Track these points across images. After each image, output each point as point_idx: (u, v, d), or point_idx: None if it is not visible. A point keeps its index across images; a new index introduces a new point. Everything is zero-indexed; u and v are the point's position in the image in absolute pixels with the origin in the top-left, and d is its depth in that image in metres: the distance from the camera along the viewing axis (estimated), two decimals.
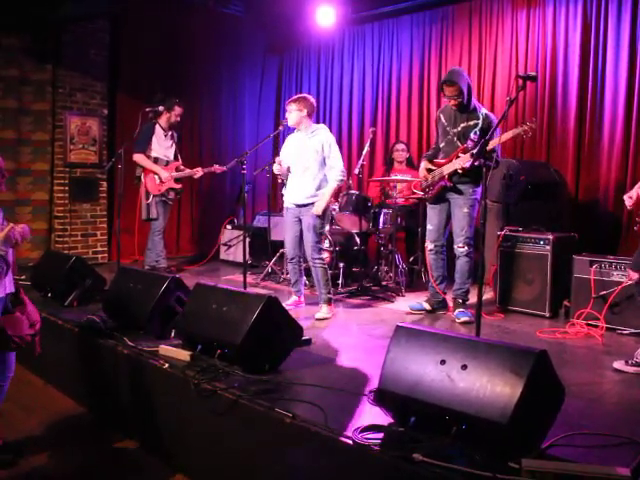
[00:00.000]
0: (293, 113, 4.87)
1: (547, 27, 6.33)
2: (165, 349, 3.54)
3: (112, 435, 3.62)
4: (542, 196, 5.75)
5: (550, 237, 4.85)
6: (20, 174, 7.09)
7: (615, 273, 4.41)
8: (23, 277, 5.72)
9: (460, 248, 4.80)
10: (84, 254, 7.20)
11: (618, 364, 3.54)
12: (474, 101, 4.80)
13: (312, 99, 4.96)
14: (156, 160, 6.36)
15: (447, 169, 4.75)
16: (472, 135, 4.68)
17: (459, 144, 4.74)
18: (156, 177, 6.34)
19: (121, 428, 3.66)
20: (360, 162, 5.93)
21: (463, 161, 4.60)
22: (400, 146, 6.93)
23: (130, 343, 3.72)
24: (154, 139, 6.41)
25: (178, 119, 6.45)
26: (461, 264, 4.84)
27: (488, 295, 5.28)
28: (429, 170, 4.92)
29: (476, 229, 4.83)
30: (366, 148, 6.08)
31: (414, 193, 5.86)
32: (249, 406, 2.82)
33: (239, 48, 8.84)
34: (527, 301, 4.97)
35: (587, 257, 4.63)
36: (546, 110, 6.34)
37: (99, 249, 7.65)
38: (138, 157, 6.32)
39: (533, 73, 3.66)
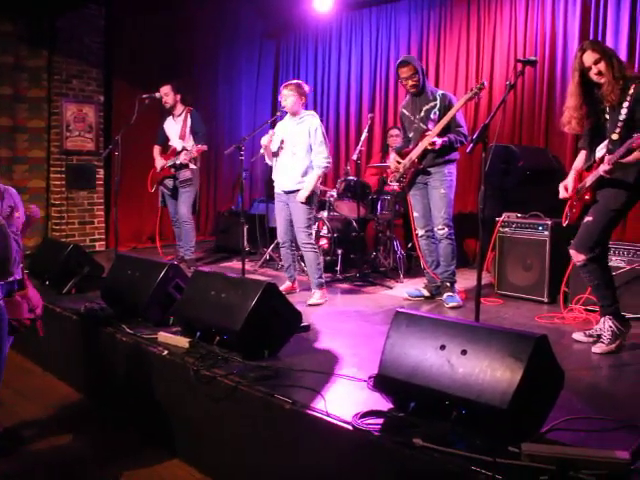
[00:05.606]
0: (290, 98, 4.86)
1: (546, 12, 6.29)
2: (164, 336, 3.54)
3: (111, 422, 3.63)
4: (540, 182, 5.73)
5: (549, 223, 4.84)
6: (16, 162, 7.05)
7: (614, 258, 4.40)
8: (21, 265, 5.71)
9: (440, 230, 4.78)
10: (81, 242, 7.18)
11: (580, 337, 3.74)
12: (429, 86, 4.85)
13: (306, 87, 4.98)
14: (168, 148, 6.32)
15: (415, 153, 4.76)
16: (432, 115, 4.73)
17: (424, 128, 4.76)
18: (158, 167, 6.33)
19: (120, 415, 3.66)
20: (358, 148, 5.92)
21: (429, 138, 4.60)
22: (395, 131, 6.82)
23: (129, 330, 3.72)
24: (165, 127, 6.35)
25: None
26: (443, 247, 4.83)
27: (486, 281, 5.28)
28: (399, 162, 4.92)
29: (474, 215, 4.80)
30: (364, 134, 6.06)
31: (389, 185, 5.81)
32: (248, 392, 2.82)
33: (236, 33, 8.79)
34: (525, 287, 4.97)
35: None
36: (545, 96, 6.31)
37: (97, 237, 7.63)
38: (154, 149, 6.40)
39: (533, 57, 3.64)
